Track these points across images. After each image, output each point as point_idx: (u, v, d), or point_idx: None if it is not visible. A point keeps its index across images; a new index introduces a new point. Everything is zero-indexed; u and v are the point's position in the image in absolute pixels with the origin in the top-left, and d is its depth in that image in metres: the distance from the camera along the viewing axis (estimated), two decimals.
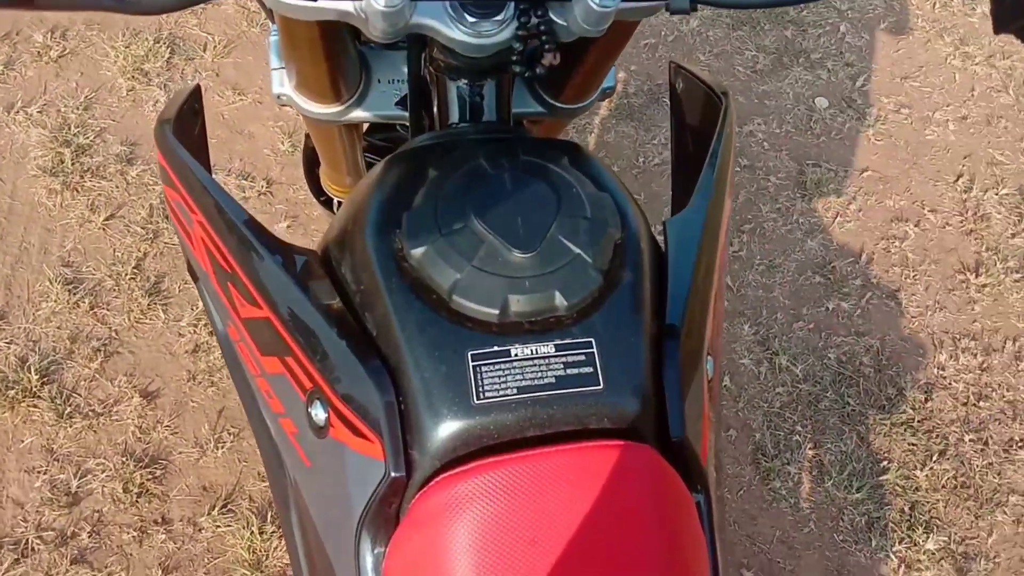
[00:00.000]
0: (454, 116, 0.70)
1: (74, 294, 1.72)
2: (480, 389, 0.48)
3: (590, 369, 0.50)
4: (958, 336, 1.78)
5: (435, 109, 0.72)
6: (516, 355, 0.50)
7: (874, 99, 2.11)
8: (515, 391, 0.49)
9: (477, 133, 0.67)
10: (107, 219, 1.83)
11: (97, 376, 1.64)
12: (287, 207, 1.88)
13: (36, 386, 1.60)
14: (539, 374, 0.49)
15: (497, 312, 0.50)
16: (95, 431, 1.58)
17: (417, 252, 0.52)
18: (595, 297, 0.53)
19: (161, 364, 1.66)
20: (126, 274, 1.76)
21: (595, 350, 0.50)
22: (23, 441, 1.55)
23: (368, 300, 0.53)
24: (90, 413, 1.59)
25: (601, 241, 0.54)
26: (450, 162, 0.58)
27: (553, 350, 0.50)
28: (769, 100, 2.08)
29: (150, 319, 1.71)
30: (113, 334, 1.69)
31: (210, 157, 0.79)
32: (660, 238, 0.63)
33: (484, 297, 0.51)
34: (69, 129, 1.96)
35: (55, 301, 1.71)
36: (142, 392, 1.62)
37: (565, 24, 0.60)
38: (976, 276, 1.85)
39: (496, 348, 0.50)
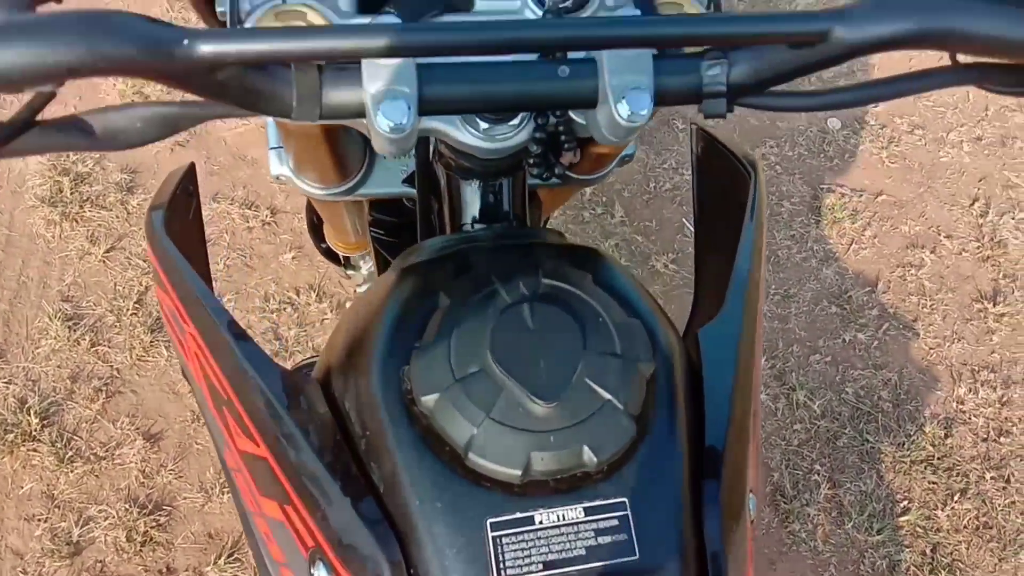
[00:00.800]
0: (466, 216, 0.66)
1: (74, 331, 1.69)
2: (501, 565, 0.45)
3: (624, 536, 0.46)
4: (977, 368, 1.74)
5: (445, 205, 0.68)
6: (541, 522, 0.46)
7: (887, 119, 2.06)
8: (540, 566, 0.45)
9: (491, 240, 0.62)
10: (108, 251, 1.79)
11: (99, 417, 1.61)
12: (292, 237, 1.84)
13: (36, 429, 1.57)
14: (567, 544, 0.45)
15: (519, 473, 0.46)
16: (97, 476, 1.55)
17: (428, 400, 0.48)
18: (627, 448, 0.49)
19: (164, 404, 1.63)
20: (128, 309, 1.72)
21: (629, 512, 0.46)
22: (23, 487, 1.52)
23: (374, 449, 0.50)
24: (92, 457, 1.56)
25: (633, 381, 0.50)
26: (463, 286, 0.54)
27: (582, 514, 0.46)
28: (781, 121, 2.04)
29: (152, 357, 1.68)
30: (115, 373, 1.66)
31: (207, 249, 0.75)
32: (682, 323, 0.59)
33: (504, 455, 0.46)
34: (68, 156, 1.92)
35: (55, 338, 1.68)
36: (145, 434, 1.59)
37: (585, 123, 0.56)
38: (994, 305, 1.81)
39: (518, 515, 0.46)
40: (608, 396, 0.48)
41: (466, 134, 0.58)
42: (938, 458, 1.63)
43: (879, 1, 0.45)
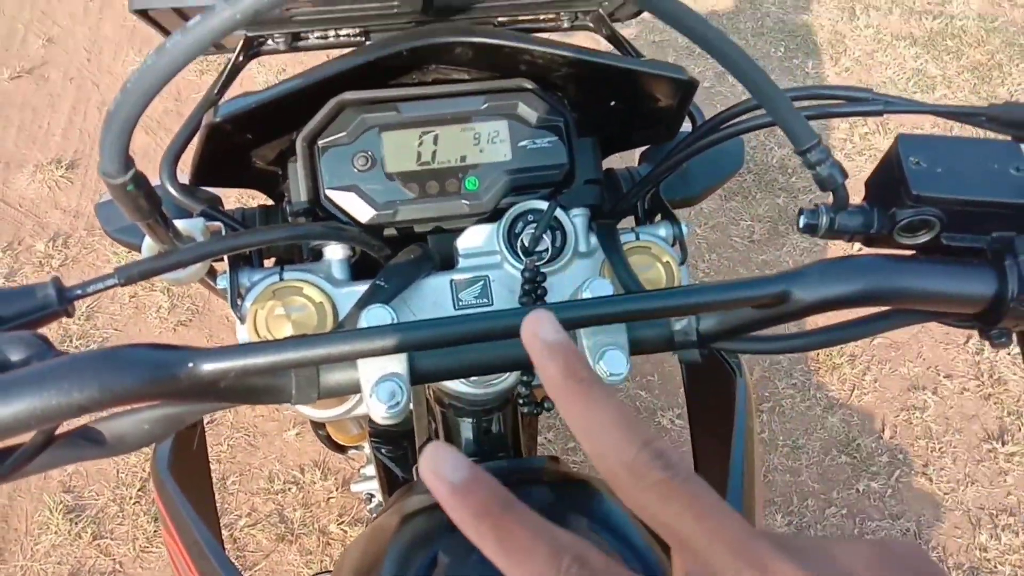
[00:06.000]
0: (461, 451, 0.67)
1: (76, 523, 1.67)
2: None
3: None
4: (995, 512, 1.71)
5: (441, 438, 0.69)
6: None
7: None
8: None
9: None
10: None
11: None
12: (295, 413, 1.84)
13: None
14: None
15: None
16: None
17: None
18: None
19: None
20: (130, 498, 1.70)
21: None
22: None
23: None
24: None
25: None
26: (460, 542, 0.55)
27: None
28: (769, 270, 2.08)
29: (156, 547, 1.65)
30: (117, 567, 1.62)
31: (213, 483, 0.76)
32: None
33: None
34: (71, 341, 1.95)
35: (55, 533, 1.65)
36: None
37: None
38: (1002, 444, 1.80)
39: None
40: None
41: (457, 384, 0.60)
42: None
43: (829, 265, 0.49)
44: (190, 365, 0.42)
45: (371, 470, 1.41)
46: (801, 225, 0.52)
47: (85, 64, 2.66)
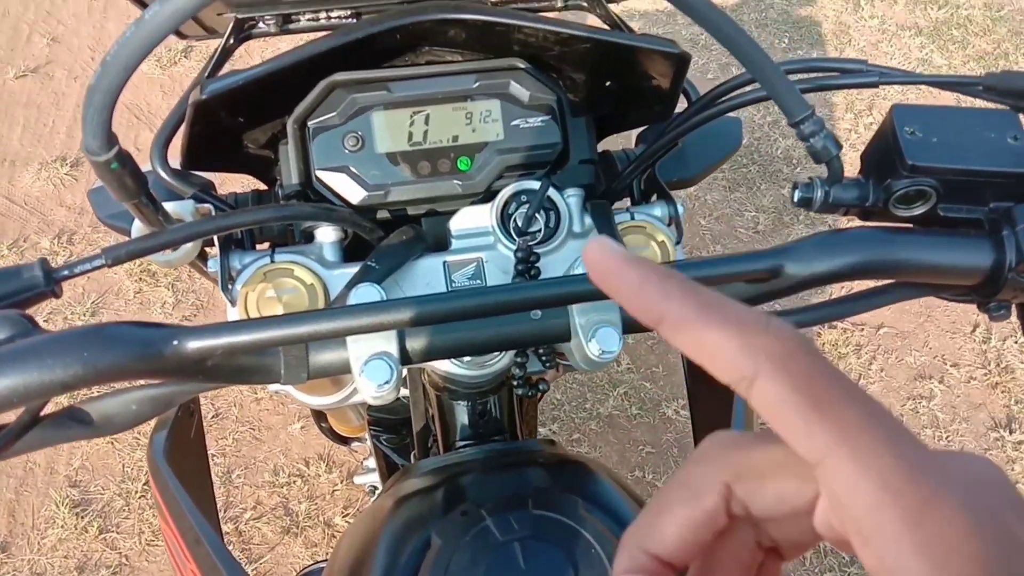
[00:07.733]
0: (457, 435, 0.67)
1: (82, 517, 1.67)
2: None
3: None
4: None
5: (437, 422, 0.69)
6: None
7: None
8: None
9: (481, 463, 0.63)
10: None
11: None
12: (300, 407, 1.85)
13: None
14: None
15: None
16: None
17: None
18: None
19: None
20: (136, 492, 1.71)
21: None
22: None
23: None
24: None
25: None
26: (454, 524, 0.54)
27: None
28: None
29: (162, 540, 1.65)
30: (123, 560, 1.63)
31: (211, 471, 0.76)
32: None
33: None
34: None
35: (62, 527, 1.66)
36: None
37: (563, 353, 0.58)
38: (1010, 433, 1.78)
39: None
40: None
41: (450, 365, 0.60)
42: None
43: (823, 238, 0.48)
44: (175, 343, 0.42)
45: (374, 462, 1.40)
46: (796, 199, 0.51)
47: (89, 63, 2.66)
